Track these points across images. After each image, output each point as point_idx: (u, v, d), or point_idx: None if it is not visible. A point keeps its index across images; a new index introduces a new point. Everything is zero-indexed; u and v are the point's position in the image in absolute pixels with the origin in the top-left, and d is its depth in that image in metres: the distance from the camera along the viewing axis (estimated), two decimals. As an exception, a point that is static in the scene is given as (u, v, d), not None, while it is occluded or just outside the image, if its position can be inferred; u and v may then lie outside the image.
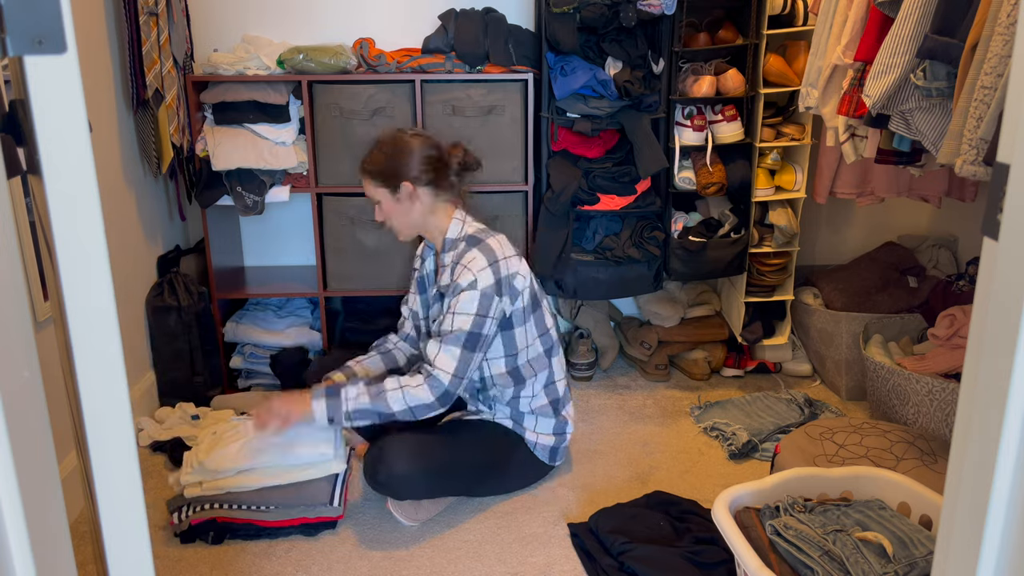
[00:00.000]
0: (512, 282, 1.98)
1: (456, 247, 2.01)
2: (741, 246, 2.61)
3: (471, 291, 1.92)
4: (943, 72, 1.61)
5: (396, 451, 1.92)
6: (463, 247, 1.99)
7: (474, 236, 2.01)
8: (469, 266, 1.93)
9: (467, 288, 1.92)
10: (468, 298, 1.92)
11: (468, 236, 2.01)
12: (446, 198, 2.03)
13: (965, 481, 0.73)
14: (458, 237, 2.02)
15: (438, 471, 1.96)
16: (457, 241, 2.01)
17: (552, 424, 2.13)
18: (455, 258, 2.00)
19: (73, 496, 1.96)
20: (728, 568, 1.72)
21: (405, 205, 1.98)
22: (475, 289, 1.91)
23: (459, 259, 1.97)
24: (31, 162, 0.75)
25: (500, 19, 2.62)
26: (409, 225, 2.03)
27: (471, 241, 1.99)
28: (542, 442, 2.12)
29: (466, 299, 1.92)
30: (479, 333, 1.92)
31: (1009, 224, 0.67)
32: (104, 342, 0.76)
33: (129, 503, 0.80)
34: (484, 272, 1.92)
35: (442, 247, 2.05)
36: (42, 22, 0.68)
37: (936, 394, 2.16)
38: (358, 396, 1.88)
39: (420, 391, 1.88)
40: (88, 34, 2.21)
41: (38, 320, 1.90)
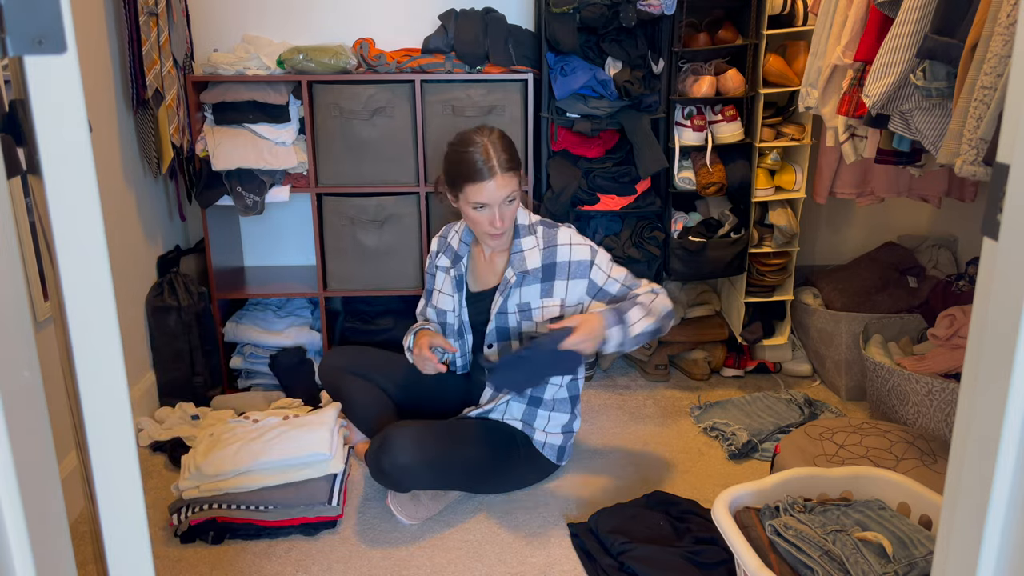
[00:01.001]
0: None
1: (535, 231, 2.05)
2: (741, 246, 2.61)
3: (600, 253, 2.03)
4: (943, 72, 1.61)
5: (400, 440, 1.92)
6: (544, 230, 2.05)
7: (546, 220, 2.08)
8: (574, 243, 2.02)
9: (592, 258, 2.01)
10: (603, 258, 2.03)
11: (540, 220, 2.08)
12: None
13: (965, 481, 0.73)
14: (529, 223, 2.06)
15: (440, 463, 1.96)
16: (533, 226, 2.06)
17: (563, 421, 2.13)
18: (540, 241, 2.03)
19: (73, 496, 1.96)
20: (728, 568, 1.72)
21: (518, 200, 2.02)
22: (597, 251, 2.03)
23: (550, 241, 2.03)
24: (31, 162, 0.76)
25: (500, 19, 2.62)
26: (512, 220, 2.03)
27: (546, 224, 2.07)
28: (550, 441, 2.12)
29: (602, 260, 2.02)
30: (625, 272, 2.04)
31: (1009, 224, 0.67)
32: (104, 342, 0.76)
33: (129, 503, 0.80)
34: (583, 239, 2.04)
35: (515, 234, 2.04)
36: (42, 22, 0.68)
37: (936, 394, 2.16)
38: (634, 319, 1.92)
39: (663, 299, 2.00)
40: (88, 34, 2.21)
41: (38, 320, 1.90)
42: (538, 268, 2.01)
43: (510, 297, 2.04)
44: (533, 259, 2.02)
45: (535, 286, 2.02)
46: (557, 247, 2.01)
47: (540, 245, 2.02)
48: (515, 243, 2.04)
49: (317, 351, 2.76)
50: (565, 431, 2.15)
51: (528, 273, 2.02)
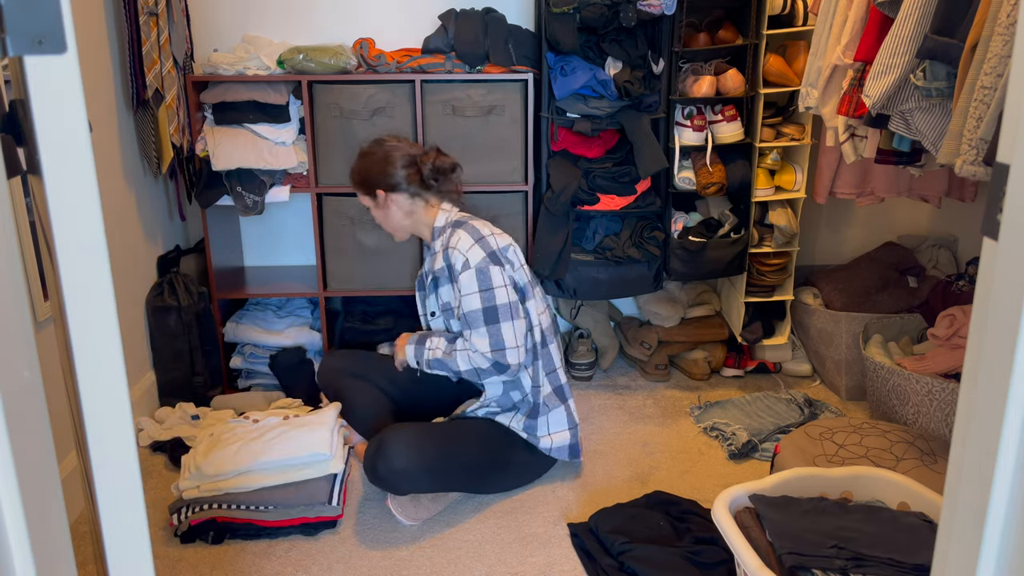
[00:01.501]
0: (506, 253, 2.05)
1: (443, 233, 2.09)
2: (741, 246, 2.61)
3: (466, 271, 1.98)
4: (943, 72, 1.61)
5: (396, 445, 1.92)
6: (449, 231, 2.07)
7: (459, 220, 2.10)
8: (457, 247, 2.01)
9: (462, 270, 1.98)
10: (467, 279, 1.98)
11: (453, 221, 2.10)
12: (425, 198, 2.10)
13: (965, 481, 0.73)
14: (444, 224, 2.10)
15: (437, 466, 1.96)
16: (444, 228, 2.09)
17: (562, 417, 2.13)
18: (443, 243, 2.07)
19: (73, 496, 1.96)
20: (728, 568, 1.72)
21: (383, 210, 2.11)
22: (469, 268, 1.98)
23: (447, 243, 2.04)
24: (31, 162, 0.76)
25: (500, 19, 2.62)
26: (394, 227, 2.15)
27: (455, 225, 2.08)
28: (558, 443, 2.13)
29: (465, 280, 1.98)
30: (494, 306, 1.97)
31: (1009, 224, 0.67)
32: (104, 342, 0.76)
33: (129, 503, 0.80)
34: (472, 249, 2.00)
35: (431, 237, 2.12)
36: (42, 22, 0.68)
37: (936, 394, 2.16)
38: (436, 348, 2.07)
39: (476, 358, 2.00)
40: (88, 34, 2.21)
41: (38, 320, 1.90)
42: (443, 268, 2.05)
43: (434, 297, 2.13)
44: (439, 261, 2.07)
45: (447, 286, 2.08)
46: (448, 250, 2.04)
47: (444, 247, 2.06)
48: (432, 244, 2.13)
49: (317, 351, 2.76)
50: (570, 427, 2.15)
51: (436, 275, 2.08)
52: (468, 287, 1.97)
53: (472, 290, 1.97)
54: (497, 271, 1.98)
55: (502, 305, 1.97)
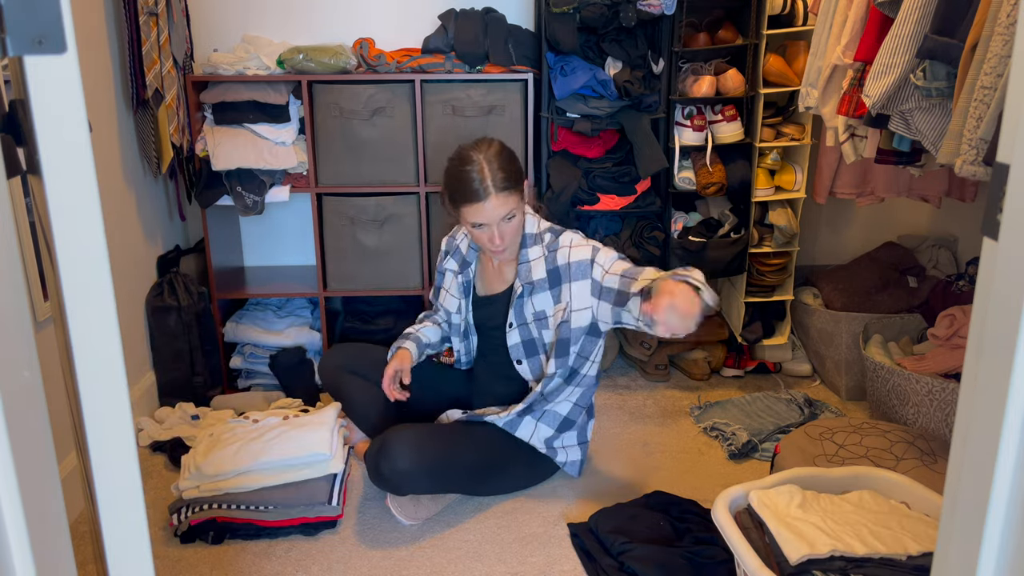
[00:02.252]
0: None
1: (542, 239, 2.00)
2: (741, 246, 2.61)
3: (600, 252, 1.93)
4: (943, 72, 1.61)
5: (399, 445, 1.92)
6: (550, 237, 2.00)
7: (553, 227, 2.03)
8: (575, 246, 1.95)
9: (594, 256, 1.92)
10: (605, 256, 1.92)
11: (549, 228, 2.03)
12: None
13: (965, 481, 0.73)
14: (538, 231, 2.02)
15: (440, 467, 1.96)
16: (541, 235, 2.01)
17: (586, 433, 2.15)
18: (546, 249, 1.99)
19: (73, 496, 1.96)
20: (728, 568, 1.72)
21: (519, 210, 1.94)
22: (599, 249, 1.94)
23: (553, 246, 1.97)
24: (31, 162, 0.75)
25: (500, 19, 2.62)
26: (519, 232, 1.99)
27: (554, 231, 2.02)
28: (571, 458, 2.14)
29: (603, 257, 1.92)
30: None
31: (1009, 224, 0.67)
32: (104, 342, 0.76)
33: (129, 503, 0.80)
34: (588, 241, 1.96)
35: (522, 243, 2.01)
36: (42, 22, 0.68)
37: (936, 394, 2.16)
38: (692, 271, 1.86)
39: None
40: (88, 34, 2.21)
41: (38, 320, 1.90)
42: (544, 277, 1.98)
43: (524, 308, 2.02)
44: (539, 268, 1.99)
45: (545, 293, 1.99)
46: (558, 250, 1.97)
47: (544, 253, 1.99)
48: (522, 253, 2.01)
49: (317, 351, 2.76)
50: (581, 443, 2.16)
51: (535, 283, 1.99)
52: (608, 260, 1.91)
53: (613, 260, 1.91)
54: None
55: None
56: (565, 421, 2.10)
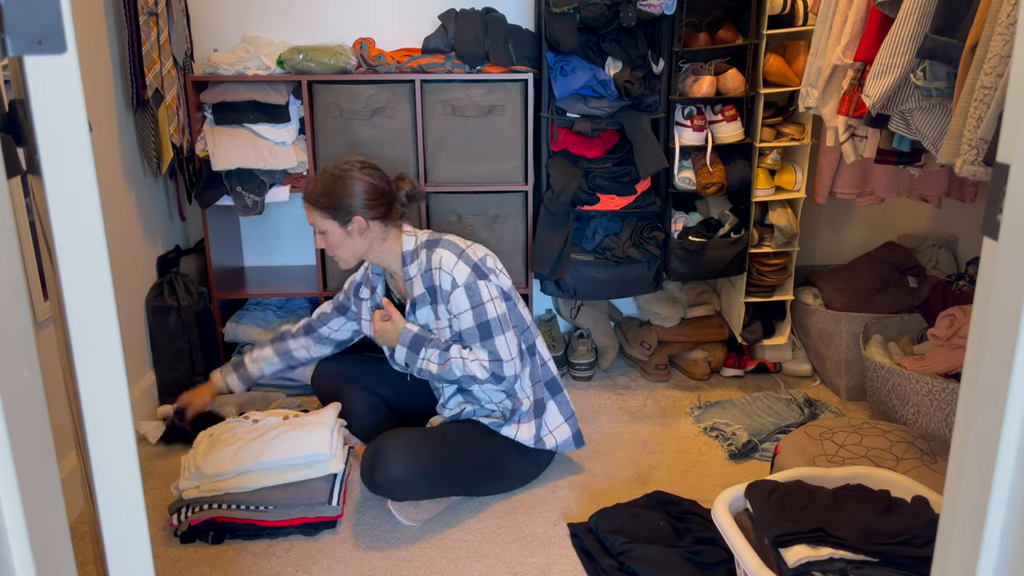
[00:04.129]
0: (486, 264, 2.02)
1: (417, 256, 2.02)
2: (741, 246, 2.61)
3: (456, 291, 1.95)
4: (943, 72, 1.61)
5: (392, 452, 1.92)
6: (425, 253, 2.01)
7: (430, 240, 2.03)
8: (442, 267, 1.96)
9: (451, 290, 1.95)
10: (457, 297, 1.95)
11: (425, 242, 2.03)
12: (397, 225, 2.05)
13: (965, 481, 0.73)
14: (416, 247, 2.03)
15: (435, 472, 1.96)
16: (416, 251, 2.03)
17: (560, 409, 2.14)
18: (421, 267, 2.01)
19: (73, 496, 1.96)
20: (728, 568, 1.72)
21: (355, 238, 1.99)
22: (459, 287, 1.95)
23: (427, 265, 1.99)
24: (31, 162, 0.75)
25: (500, 19, 2.62)
26: (356, 256, 2.04)
27: (430, 245, 2.01)
28: (562, 438, 2.14)
29: (456, 300, 1.96)
30: (486, 321, 1.96)
31: (1009, 224, 0.67)
32: (104, 342, 0.76)
33: (129, 503, 0.80)
34: (457, 267, 1.96)
35: (402, 262, 2.04)
36: (42, 22, 0.68)
37: (936, 394, 2.16)
38: (430, 361, 1.99)
39: (474, 366, 1.97)
40: (88, 34, 2.21)
41: (38, 320, 1.90)
42: (424, 292, 2.01)
43: (412, 322, 2.06)
44: (418, 285, 2.02)
45: (427, 308, 2.03)
46: (431, 271, 1.99)
47: (421, 270, 2.01)
48: (404, 271, 2.05)
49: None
50: (567, 417, 2.16)
51: (416, 299, 2.03)
52: (460, 305, 1.96)
53: (464, 308, 1.95)
54: (483, 285, 1.97)
55: (493, 319, 1.96)
56: (537, 404, 2.10)
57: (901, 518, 1.50)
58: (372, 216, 1.97)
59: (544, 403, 2.12)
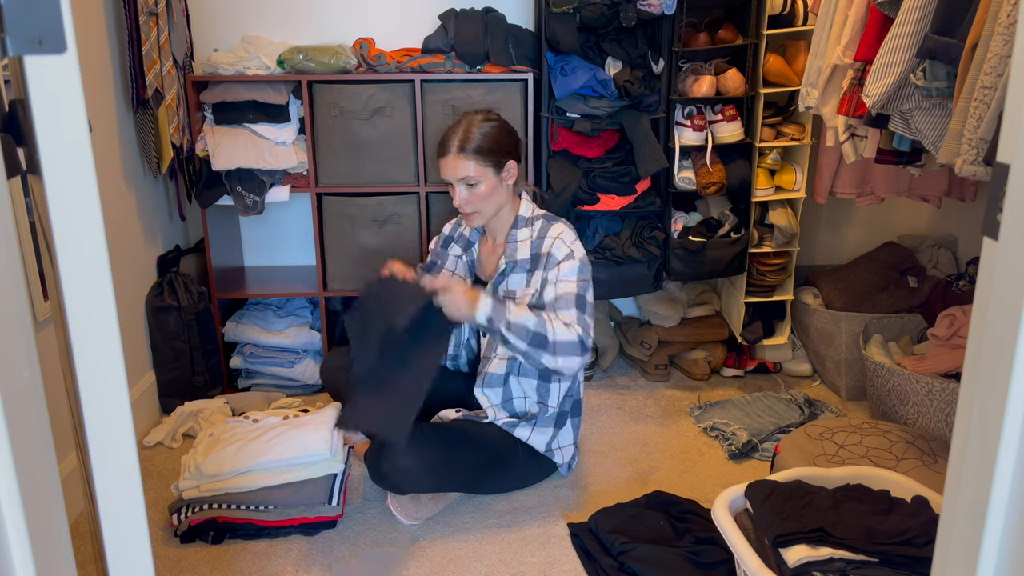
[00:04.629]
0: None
1: (533, 224, 2.05)
2: (741, 246, 2.61)
3: (570, 260, 1.97)
4: (943, 72, 1.61)
5: (399, 444, 1.92)
6: (543, 223, 2.04)
7: (547, 215, 2.07)
8: (561, 237, 1.99)
9: (565, 259, 1.97)
10: (569, 267, 1.97)
11: (543, 214, 2.07)
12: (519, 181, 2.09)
13: (965, 481, 0.73)
14: (531, 215, 2.07)
15: (441, 465, 1.96)
16: (533, 219, 2.06)
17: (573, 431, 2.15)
18: (536, 233, 2.03)
19: (73, 496, 1.96)
20: (728, 568, 1.72)
21: (500, 188, 2.00)
22: (574, 258, 1.97)
23: (543, 233, 2.02)
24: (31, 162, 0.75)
25: (500, 19, 2.62)
26: (497, 207, 2.03)
27: (549, 218, 2.06)
28: (565, 455, 2.15)
29: (567, 268, 1.97)
30: (585, 297, 1.97)
31: (1009, 224, 0.67)
32: (104, 342, 0.76)
33: (129, 503, 0.80)
34: (576, 243, 2.00)
35: (512, 224, 2.07)
36: (42, 22, 0.68)
37: (936, 394, 2.16)
38: (520, 311, 1.86)
39: (567, 331, 1.86)
40: (88, 34, 2.21)
41: (38, 320, 1.90)
42: (527, 258, 2.03)
43: (499, 286, 2.07)
44: (524, 250, 2.04)
45: (522, 275, 2.04)
46: (545, 238, 2.02)
47: (532, 236, 2.04)
48: (511, 233, 2.07)
49: (317, 351, 2.76)
50: (574, 442, 2.18)
51: (517, 263, 2.04)
52: (570, 273, 1.96)
53: (573, 277, 1.96)
54: (591, 270, 2.02)
55: (589, 302, 1.99)
56: (560, 416, 2.10)
57: (901, 518, 1.50)
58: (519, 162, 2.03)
59: (565, 418, 2.13)
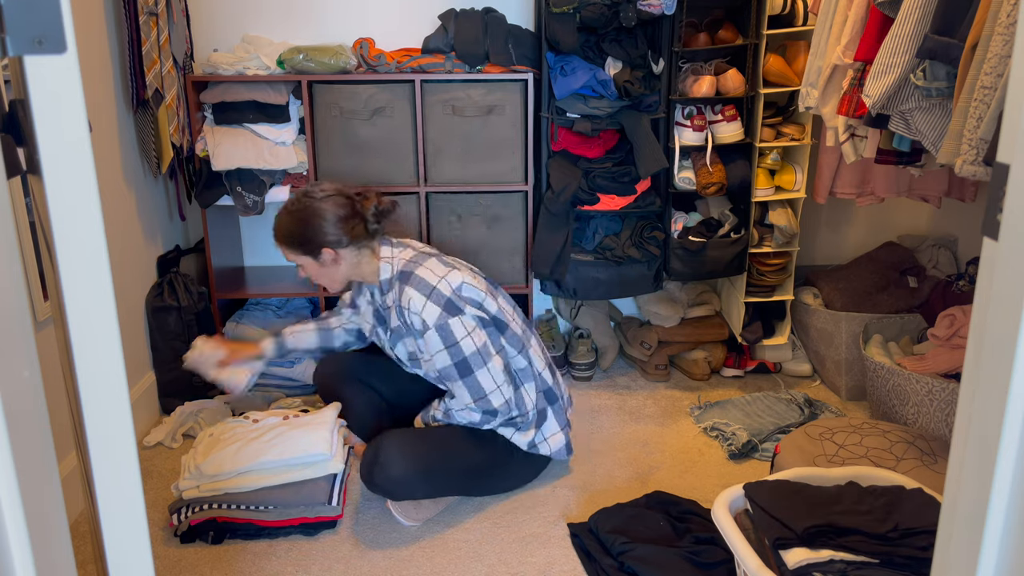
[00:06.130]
0: (462, 293, 1.95)
1: (392, 287, 2.00)
2: (741, 246, 2.61)
3: (427, 332, 1.92)
4: (943, 72, 1.61)
5: (391, 453, 1.92)
6: (397, 286, 1.98)
7: (404, 272, 1.97)
8: (411, 308, 1.92)
9: (423, 331, 1.92)
10: (430, 340, 1.92)
11: (399, 273, 1.98)
12: (371, 247, 2.00)
13: (965, 481, 0.73)
14: (391, 277, 2.00)
15: (434, 472, 1.96)
16: (392, 281, 2.00)
17: (556, 418, 2.13)
18: (395, 299, 1.99)
19: (73, 496, 1.96)
20: (728, 568, 1.72)
21: (330, 268, 1.97)
22: (429, 329, 1.91)
23: (398, 300, 1.97)
24: (31, 162, 0.75)
25: (500, 19, 2.62)
26: (339, 281, 2.02)
27: (402, 278, 1.96)
28: (556, 446, 2.13)
29: (430, 342, 1.93)
30: (464, 359, 1.93)
31: (1009, 224, 0.67)
32: (104, 342, 0.76)
33: (129, 503, 0.80)
34: (427, 308, 1.91)
35: (381, 290, 2.04)
36: (42, 22, 0.68)
37: (936, 394, 2.16)
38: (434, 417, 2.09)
39: (466, 413, 2.01)
40: (88, 34, 2.21)
41: (38, 320, 1.90)
42: (399, 325, 2.01)
43: (399, 347, 2.07)
44: (394, 317, 2.02)
45: (408, 338, 2.03)
46: (402, 309, 1.96)
47: (395, 302, 1.99)
48: (381, 299, 2.05)
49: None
50: (563, 427, 2.15)
51: (393, 329, 2.04)
52: (434, 346, 1.93)
53: (438, 348, 1.92)
54: (456, 322, 1.91)
55: (471, 355, 1.93)
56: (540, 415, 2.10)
57: (902, 518, 1.50)
58: (343, 244, 1.93)
59: (545, 413, 2.12)
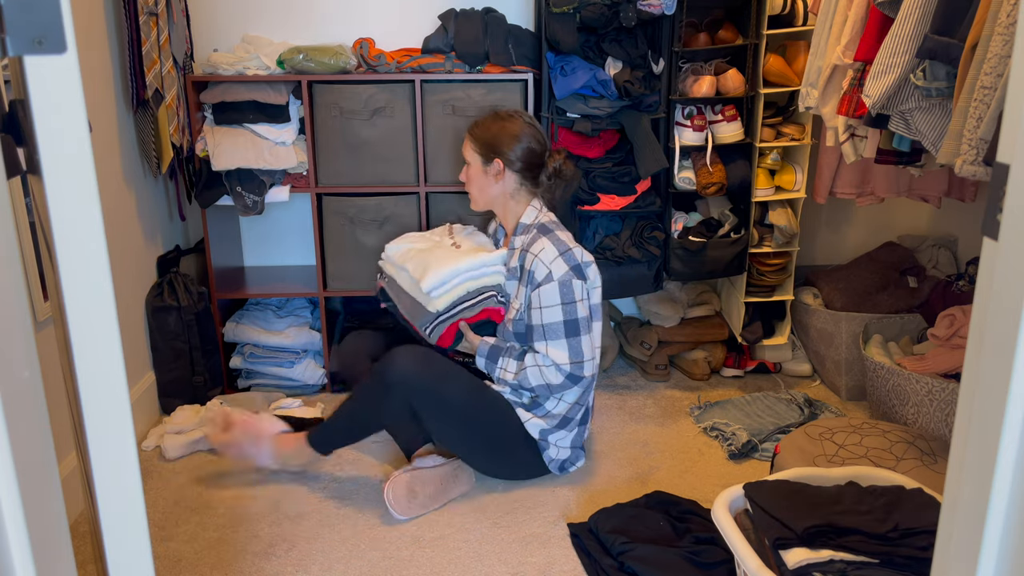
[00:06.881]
0: (587, 270, 2.03)
1: (528, 232, 2.07)
2: (741, 246, 2.61)
3: (548, 284, 1.97)
4: (943, 72, 1.61)
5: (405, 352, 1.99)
6: (534, 234, 2.05)
7: (546, 225, 2.07)
8: (540, 257, 1.99)
9: (543, 282, 1.97)
10: (548, 291, 1.97)
11: (540, 224, 2.08)
12: (530, 190, 2.11)
13: (965, 481, 0.73)
14: (531, 223, 2.08)
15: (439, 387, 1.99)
16: (530, 227, 2.08)
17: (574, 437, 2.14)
18: (525, 243, 2.05)
19: (73, 496, 1.96)
20: (728, 568, 1.72)
21: (489, 179, 2.09)
22: (552, 281, 1.96)
23: (529, 245, 2.03)
24: (31, 162, 0.75)
25: (500, 19, 2.62)
26: (485, 198, 2.14)
27: (542, 229, 2.06)
28: (558, 455, 2.15)
29: (547, 293, 1.97)
30: (574, 319, 1.97)
31: (1009, 224, 0.67)
32: (104, 342, 0.76)
33: (129, 503, 0.80)
34: (556, 262, 1.98)
35: (513, 230, 2.12)
36: (42, 22, 0.68)
37: (936, 394, 2.16)
38: (507, 370, 2.07)
39: (549, 373, 2.00)
40: (88, 34, 2.21)
41: (38, 320, 1.90)
42: (516, 267, 2.07)
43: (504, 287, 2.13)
44: (515, 258, 2.08)
45: (514, 282, 2.09)
46: (528, 253, 2.03)
47: (524, 246, 2.06)
48: (512, 238, 2.12)
49: (317, 351, 2.76)
50: (574, 447, 2.17)
51: (510, 269, 2.09)
52: (550, 299, 1.96)
53: (554, 302, 1.96)
54: (579, 285, 1.98)
55: (582, 318, 1.98)
56: (566, 420, 2.10)
57: (902, 518, 1.50)
58: (514, 168, 2.06)
59: (572, 423, 2.12)
